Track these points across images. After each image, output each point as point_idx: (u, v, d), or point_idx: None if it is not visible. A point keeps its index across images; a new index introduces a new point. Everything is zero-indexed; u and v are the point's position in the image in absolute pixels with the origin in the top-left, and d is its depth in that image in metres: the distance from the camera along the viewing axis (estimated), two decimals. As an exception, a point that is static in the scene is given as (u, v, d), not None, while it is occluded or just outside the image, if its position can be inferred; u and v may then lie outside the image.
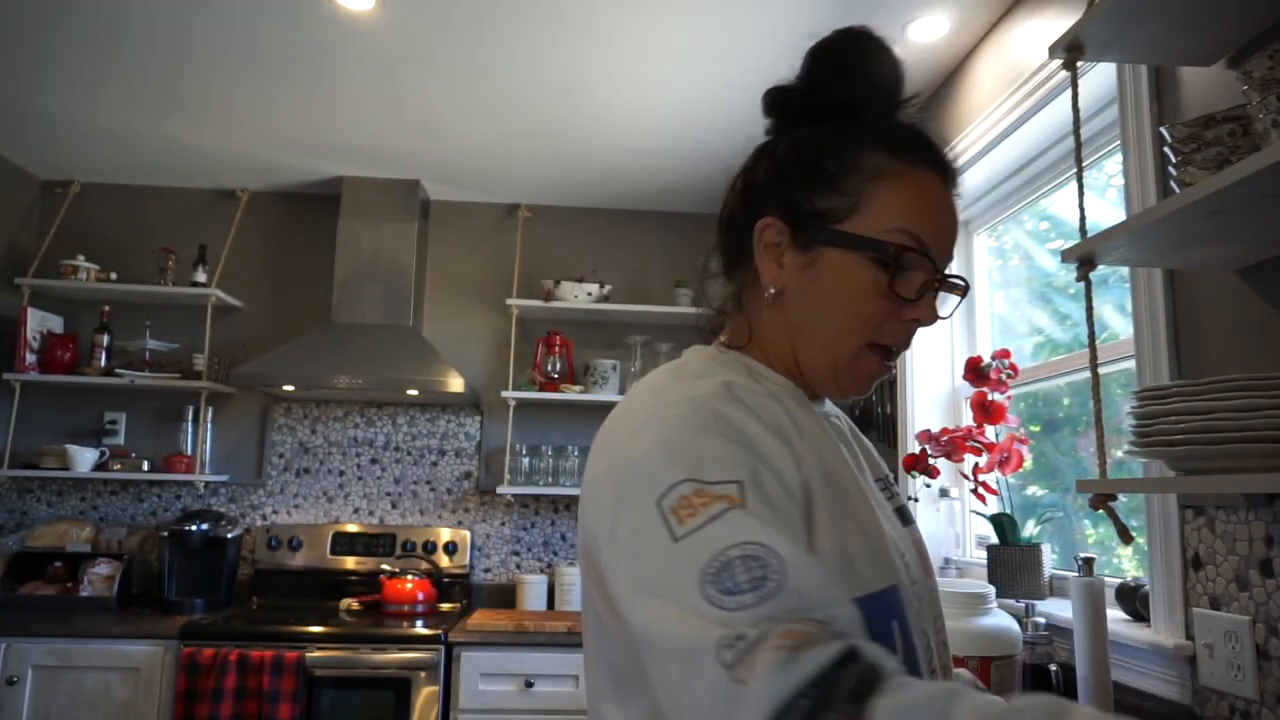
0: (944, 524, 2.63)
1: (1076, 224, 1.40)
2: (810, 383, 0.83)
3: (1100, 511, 1.33)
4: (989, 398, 2.17)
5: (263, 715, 2.65)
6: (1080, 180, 1.42)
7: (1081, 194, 1.41)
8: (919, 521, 2.86)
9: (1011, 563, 2.04)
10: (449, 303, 3.70)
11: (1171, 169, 1.27)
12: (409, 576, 3.22)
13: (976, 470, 2.18)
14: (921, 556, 0.86)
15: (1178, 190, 1.25)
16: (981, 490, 2.21)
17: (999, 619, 1.65)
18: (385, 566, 3.34)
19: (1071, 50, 1.40)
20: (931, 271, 0.78)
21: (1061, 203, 2.28)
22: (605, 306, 3.48)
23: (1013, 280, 2.55)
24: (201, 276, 3.44)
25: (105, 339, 3.37)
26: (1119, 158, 1.69)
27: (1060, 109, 2.02)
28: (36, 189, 3.62)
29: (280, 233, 3.71)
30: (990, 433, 2.22)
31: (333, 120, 3.02)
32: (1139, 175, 1.60)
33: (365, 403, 3.61)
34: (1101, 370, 1.42)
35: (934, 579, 0.87)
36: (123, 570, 3.11)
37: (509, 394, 3.41)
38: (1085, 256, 1.37)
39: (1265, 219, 1.16)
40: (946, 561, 2.61)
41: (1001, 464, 2.11)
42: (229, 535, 3.24)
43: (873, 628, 0.71)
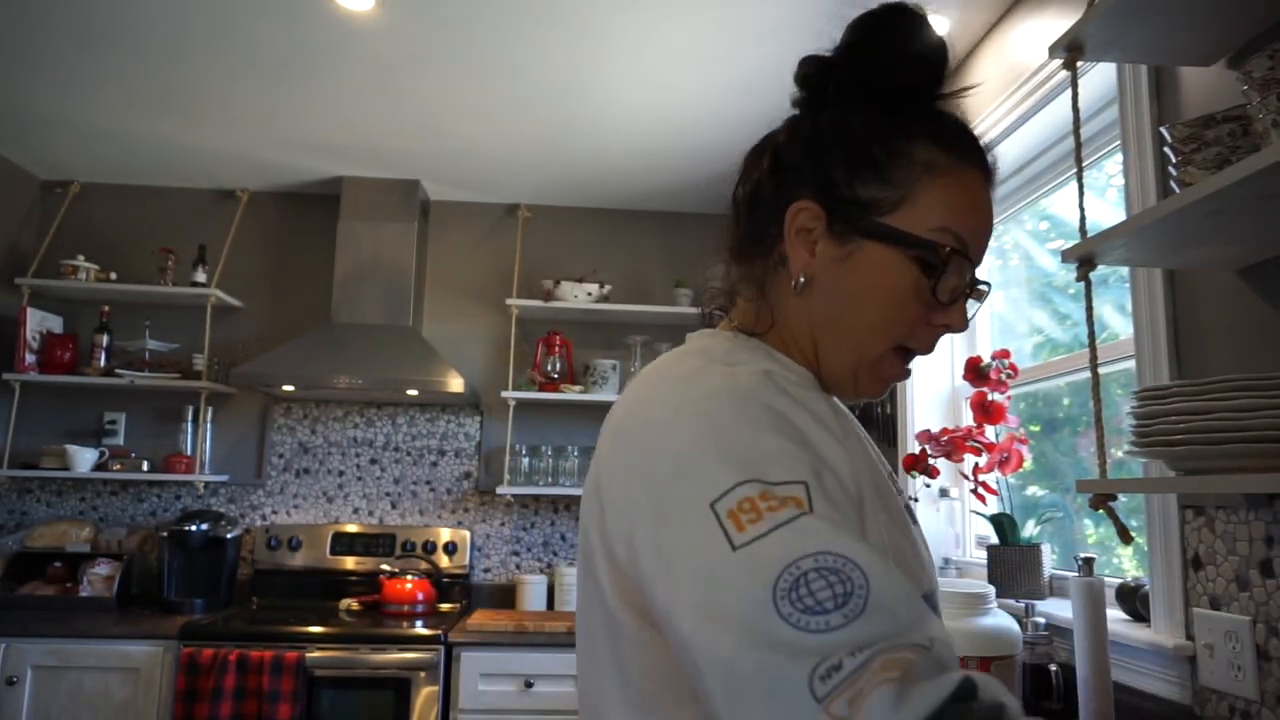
0: (944, 524, 2.63)
1: (1076, 224, 1.40)
2: (826, 380, 0.78)
3: (1100, 511, 1.33)
4: (989, 398, 2.17)
5: (262, 715, 2.65)
6: (1080, 180, 1.42)
7: (1081, 194, 1.41)
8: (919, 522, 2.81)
9: (1011, 563, 2.04)
10: (449, 303, 3.70)
11: (1171, 169, 1.27)
12: (409, 577, 3.22)
13: (976, 470, 2.18)
14: (929, 557, 0.85)
15: (1178, 190, 1.25)
16: (981, 490, 2.21)
17: (999, 619, 1.65)
18: (385, 567, 3.34)
19: (1071, 50, 1.40)
20: (969, 276, 0.74)
21: (1061, 203, 2.28)
22: (605, 306, 3.48)
23: (1013, 280, 2.55)
24: (201, 276, 3.44)
25: (105, 339, 3.37)
26: (1119, 158, 1.69)
27: (1060, 109, 2.02)
28: (36, 189, 3.62)
29: (280, 233, 3.71)
30: (990, 433, 2.22)
31: (332, 120, 3.02)
32: (1139, 175, 1.60)
33: (365, 403, 3.61)
34: (1101, 370, 1.42)
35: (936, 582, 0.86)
36: (122, 570, 3.11)
37: (509, 394, 3.41)
38: (1085, 256, 1.36)
39: (1265, 219, 1.16)
40: (946, 561, 2.61)
41: (1001, 464, 2.11)
42: (229, 535, 3.24)
43: None
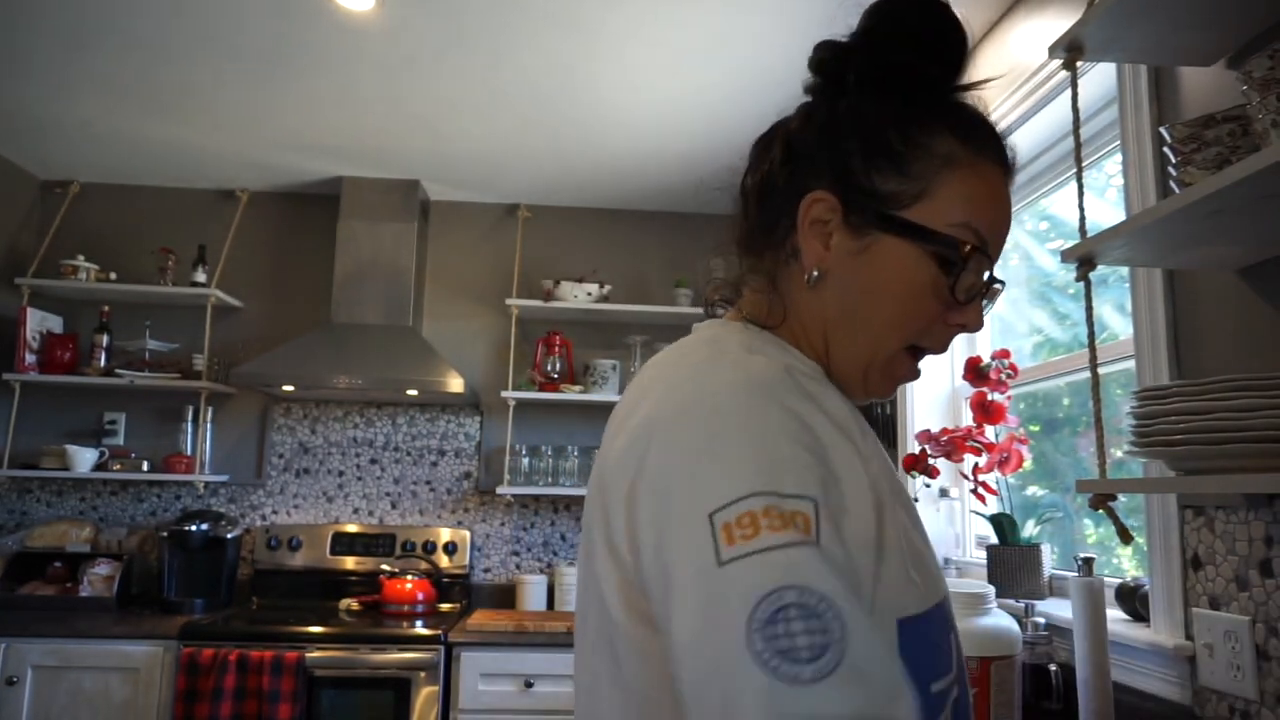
0: (944, 524, 2.63)
1: (1076, 224, 1.40)
2: (835, 377, 0.75)
3: (1100, 511, 1.33)
4: (989, 398, 2.17)
5: (262, 715, 2.65)
6: (1080, 180, 1.42)
7: (1081, 194, 1.41)
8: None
9: (1011, 563, 2.04)
10: (449, 303, 3.70)
11: (1171, 169, 1.27)
12: (409, 577, 3.22)
13: (976, 470, 2.18)
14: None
15: (1178, 190, 1.25)
16: (981, 490, 2.21)
17: (999, 619, 1.65)
18: (385, 567, 3.34)
19: (1071, 50, 1.40)
20: (987, 275, 0.72)
21: (1061, 203, 2.28)
22: (605, 306, 3.48)
23: (1012, 280, 2.55)
24: (201, 276, 3.44)
25: (105, 339, 3.37)
26: (1119, 158, 1.69)
27: (1060, 109, 2.02)
28: (36, 189, 3.62)
29: (280, 233, 3.71)
30: (990, 433, 2.22)
31: (333, 120, 3.02)
32: (1139, 175, 1.60)
33: (365, 403, 3.61)
34: (1101, 370, 1.42)
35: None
36: (122, 570, 3.11)
37: (509, 394, 3.41)
38: (1085, 256, 1.36)
39: (1265, 219, 1.16)
40: (946, 561, 2.61)
41: (1001, 464, 2.11)
42: (229, 535, 3.24)
43: (938, 645, 0.66)
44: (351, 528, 3.44)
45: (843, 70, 0.73)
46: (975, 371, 2.19)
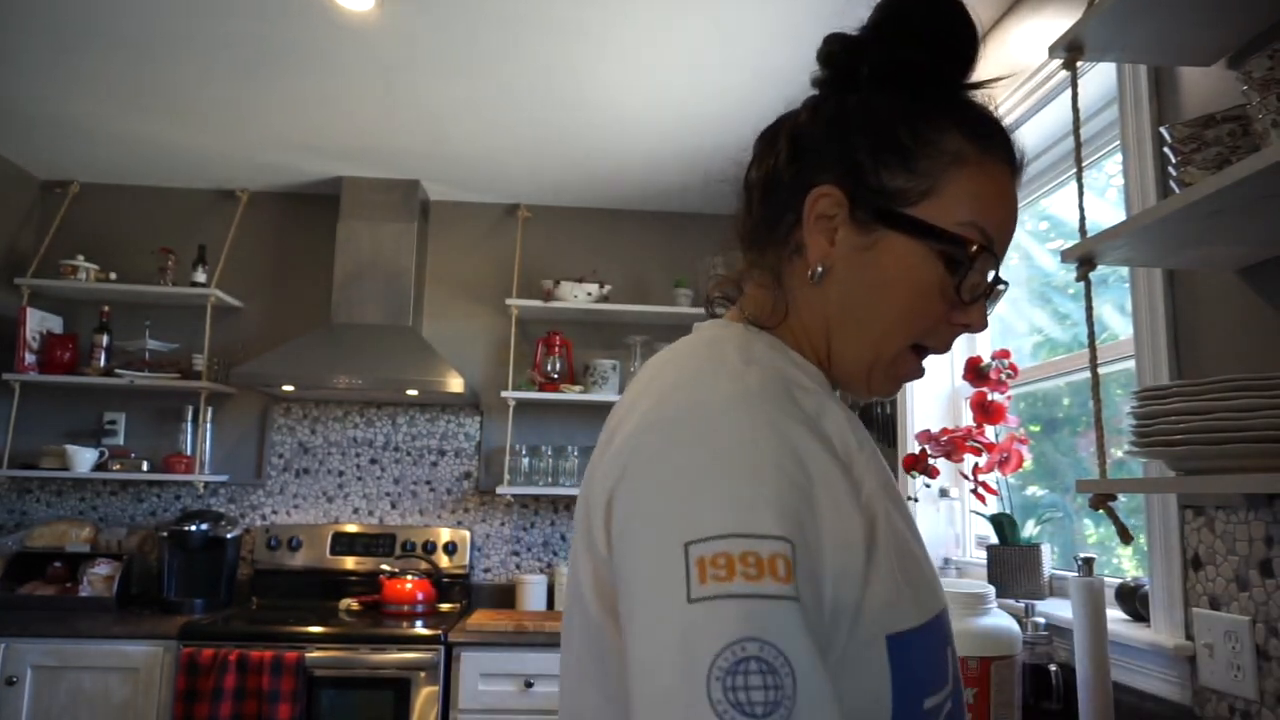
0: (944, 524, 2.63)
1: (1076, 224, 1.40)
2: (838, 376, 0.74)
3: (1100, 511, 1.33)
4: (989, 398, 2.17)
5: (262, 715, 2.65)
6: (1080, 180, 1.42)
7: (1081, 194, 1.41)
8: (919, 522, 2.83)
9: (1011, 563, 2.04)
10: (449, 303, 3.70)
11: (1171, 169, 1.27)
12: (409, 577, 3.22)
13: (976, 470, 2.18)
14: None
15: (1178, 190, 1.25)
16: (981, 490, 2.21)
17: (999, 619, 1.65)
18: (385, 567, 3.34)
19: (1071, 50, 1.40)
20: (992, 274, 0.71)
21: (1061, 203, 2.28)
22: (605, 306, 3.48)
23: (1013, 280, 2.53)
24: (201, 276, 3.44)
25: (105, 339, 3.37)
26: (1119, 158, 1.69)
27: (1060, 109, 2.02)
28: (36, 189, 3.62)
29: (280, 233, 3.70)
30: (990, 433, 2.22)
31: (332, 120, 3.02)
32: (1139, 175, 1.60)
33: (365, 403, 3.60)
34: (1101, 370, 1.42)
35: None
36: (122, 570, 3.11)
37: (509, 394, 3.41)
38: (1085, 256, 1.37)
39: (1265, 219, 1.16)
40: (946, 561, 2.61)
41: (1001, 464, 2.11)
42: (229, 535, 3.24)
43: (931, 659, 0.65)
44: (351, 528, 3.44)
45: (854, 64, 0.72)
46: (975, 371, 2.19)
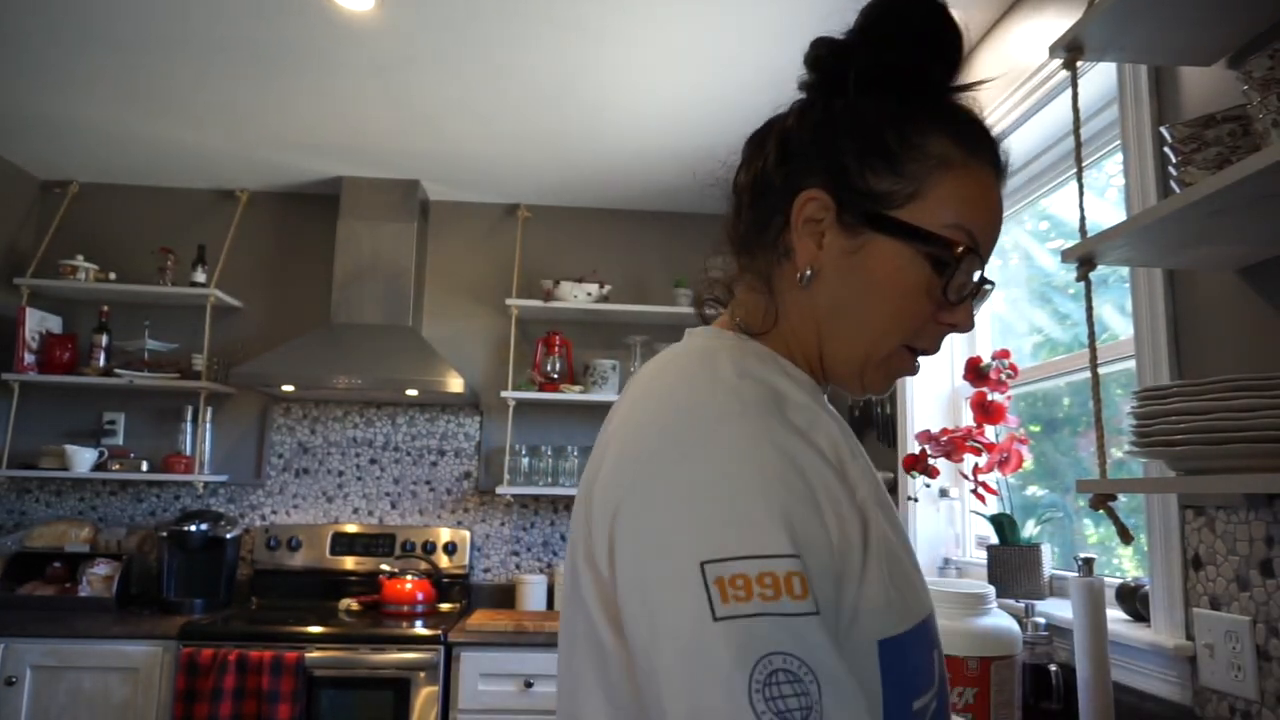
0: (944, 524, 2.63)
1: (1076, 224, 1.40)
2: (831, 376, 0.76)
3: (1100, 511, 1.33)
4: (989, 398, 2.17)
5: (262, 715, 2.65)
6: (1080, 180, 1.42)
7: (1081, 194, 1.41)
8: (919, 522, 2.82)
9: (1011, 563, 2.03)
10: (449, 303, 3.70)
11: (1171, 169, 1.27)
12: (408, 577, 3.22)
13: (976, 470, 2.18)
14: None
15: (1178, 190, 1.25)
16: (981, 490, 2.21)
17: (999, 619, 1.65)
18: (385, 567, 3.34)
19: (1071, 50, 1.40)
20: (978, 276, 0.72)
21: (1061, 203, 2.28)
22: (605, 306, 3.48)
23: (1013, 280, 2.55)
24: (201, 276, 3.44)
25: (104, 339, 3.37)
26: (1119, 158, 1.69)
27: (1060, 109, 2.02)
28: (36, 189, 3.62)
29: (280, 233, 3.70)
30: (990, 433, 2.22)
31: (332, 120, 3.02)
32: (1139, 175, 1.60)
33: (365, 403, 3.60)
34: (1101, 370, 1.42)
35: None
36: (122, 570, 3.11)
37: (508, 394, 3.41)
38: (1085, 256, 1.36)
39: (1265, 219, 1.16)
40: (946, 561, 2.61)
41: (1001, 464, 2.11)
42: (228, 535, 3.24)
43: (919, 663, 0.67)
44: (351, 528, 3.44)
45: (841, 68, 0.72)
46: (975, 371, 2.19)
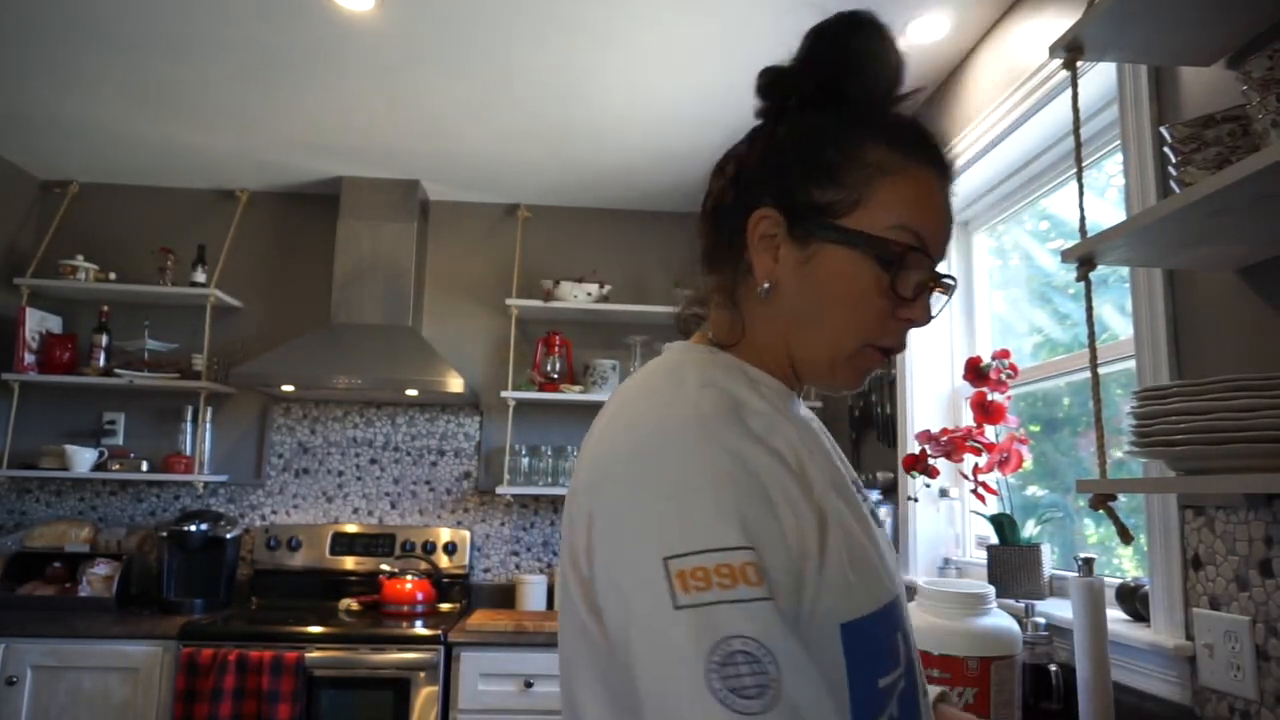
0: (944, 524, 2.63)
1: (1076, 224, 1.40)
2: (805, 377, 0.81)
3: (1100, 511, 1.33)
4: (989, 398, 2.17)
5: (262, 715, 2.65)
6: (1080, 180, 1.42)
7: (1081, 194, 1.41)
8: (919, 522, 2.83)
9: (1011, 563, 2.04)
10: (448, 303, 3.70)
11: (1171, 169, 1.27)
12: (408, 577, 3.22)
13: (976, 470, 2.18)
14: (894, 559, 0.85)
15: (1178, 190, 1.25)
16: (981, 490, 2.21)
17: (999, 619, 1.65)
18: (385, 567, 3.34)
19: (1071, 50, 1.40)
20: (929, 271, 0.76)
21: (1061, 203, 2.28)
22: (605, 306, 3.48)
23: (1013, 280, 2.55)
24: (201, 276, 3.44)
25: (104, 339, 3.37)
26: (1119, 158, 1.69)
27: (1060, 109, 2.02)
28: (35, 189, 3.62)
29: (280, 233, 3.70)
30: (990, 433, 2.22)
31: (332, 120, 3.02)
32: (1139, 175, 1.60)
33: (364, 403, 3.60)
34: (1101, 370, 1.42)
35: (902, 583, 0.87)
36: (122, 570, 3.11)
37: (508, 394, 3.41)
38: (1085, 256, 1.37)
39: (1265, 219, 1.16)
40: (946, 561, 2.61)
41: (1001, 464, 2.11)
42: (228, 535, 3.24)
43: (883, 644, 0.71)
44: (351, 528, 3.44)
45: (785, 93, 0.79)
46: (975, 371, 2.19)
